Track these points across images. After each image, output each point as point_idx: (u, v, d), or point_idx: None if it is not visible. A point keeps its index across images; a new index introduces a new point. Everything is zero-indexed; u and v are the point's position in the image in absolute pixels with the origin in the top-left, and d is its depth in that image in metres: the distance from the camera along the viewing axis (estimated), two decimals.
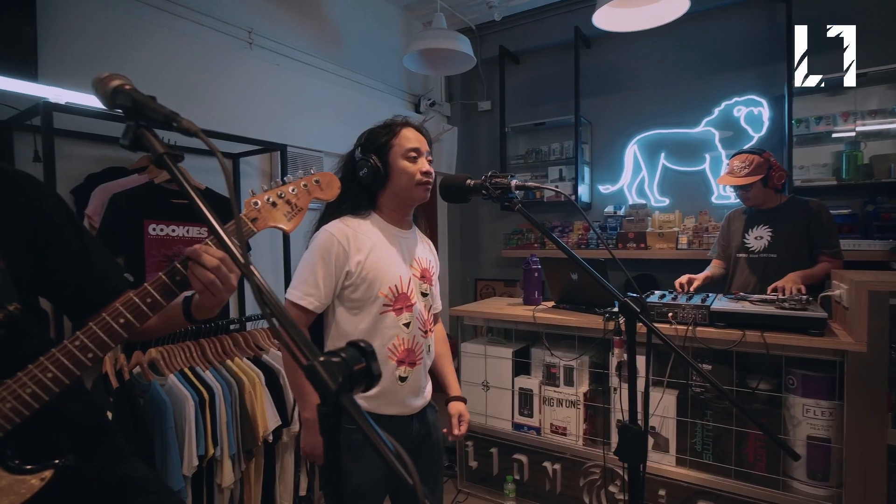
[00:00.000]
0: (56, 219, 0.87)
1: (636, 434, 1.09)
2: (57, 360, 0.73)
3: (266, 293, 0.57)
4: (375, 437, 0.49)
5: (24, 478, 0.71)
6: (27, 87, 1.69)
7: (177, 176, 0.64)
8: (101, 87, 0.70)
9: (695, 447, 1.97)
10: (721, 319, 1.88)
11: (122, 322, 0.77)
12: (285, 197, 0.92)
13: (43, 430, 0.78)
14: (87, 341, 0.75)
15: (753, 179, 2.22)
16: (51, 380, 0.72)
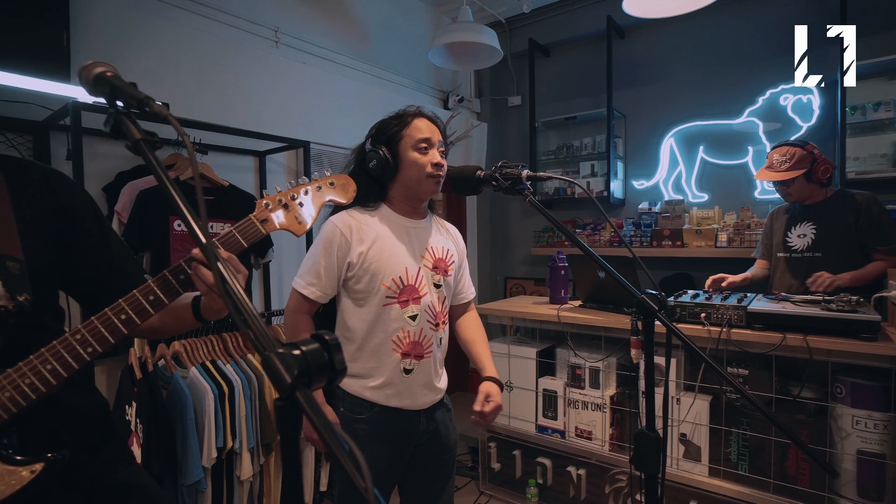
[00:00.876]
0: (81, 216, 0.89)
1: (651, 441, 1.01)
2: (57, 353, 0.73)
3: (229, 283, 0.54)
4: (328, 433, 0.45)
5: (15, 469, 0.71)
6: (60, 87, 1.76)
7: (151, 163, 0.63)
8: (85, 75, 0.69)
9: (729, 457, 1.84)
10: (759, 321, 1.75)
11: (123, 318, 0.76)
12: (298, 199, 0.90)
13: (48, 423, 0.79)
14: (87, 335, 0.75)
15: (794, 174, 2.06)
16: (49, 371, 0.72)
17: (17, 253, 0.76)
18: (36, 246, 0.80)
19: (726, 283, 2.17)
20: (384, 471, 1.31)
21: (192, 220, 0.59)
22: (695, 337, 1.84)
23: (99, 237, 0.89)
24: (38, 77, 1.70)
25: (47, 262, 0.82)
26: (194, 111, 2.21)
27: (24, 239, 0.78)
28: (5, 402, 0.71)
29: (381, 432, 1.30)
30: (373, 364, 1.29)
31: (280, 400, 0.48)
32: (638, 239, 3.31)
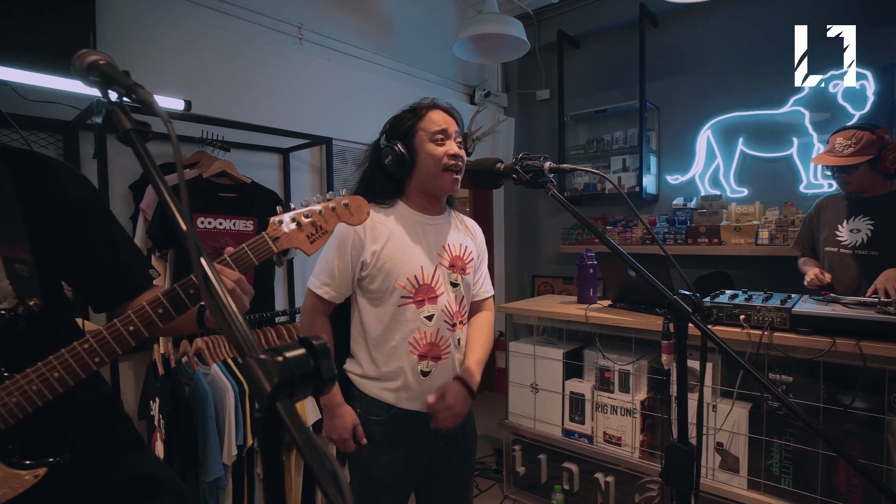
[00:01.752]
0: (89, 212, 0.88)
1: (684, 455, 0.93)
2: (64, 361, 0.72)
3: (213, 284, 0.50)
4: (310, 451, 0.40)
5: (19, 472, 0.71)
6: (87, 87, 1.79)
7: (140, 154, 0.59)
8: (78, 64, 0.67)
9: (771, 469, 1.72)
10: (805, 324, 1.62)
11: (131, 329, 0.76)
12: (311, 218, 0.90)
13: (52, 422, 0.78)
14: (95, 345, 0.74)
15: (860, 160, 1.88)
16: (56, 379, 0.71)
17: (25, 254, 0.75)
18: (45, 245, 0.79)
19: (829, 278, 1.96)
20: (400, 474, 1.28)
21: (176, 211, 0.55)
22: (733, 340, 1.73)
23: (106, 234, 0.89)
24: (65, 77, 1.73)
25: (56, 260, 0.81)
26: (218, 108, 2.21)
27: (33, 239, 0.77)
28: (12, 407, 0.70)
29: (397, 435, 1.26)
30: (390, 367, 1.25)
31: (259, 411, 0.43)
32: (672, 236, 3.16)
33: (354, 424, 1.24)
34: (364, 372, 1.28)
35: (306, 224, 0.89)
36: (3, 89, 1.71)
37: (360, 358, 1.29)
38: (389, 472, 1.26)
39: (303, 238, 0.88)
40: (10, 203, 0.77)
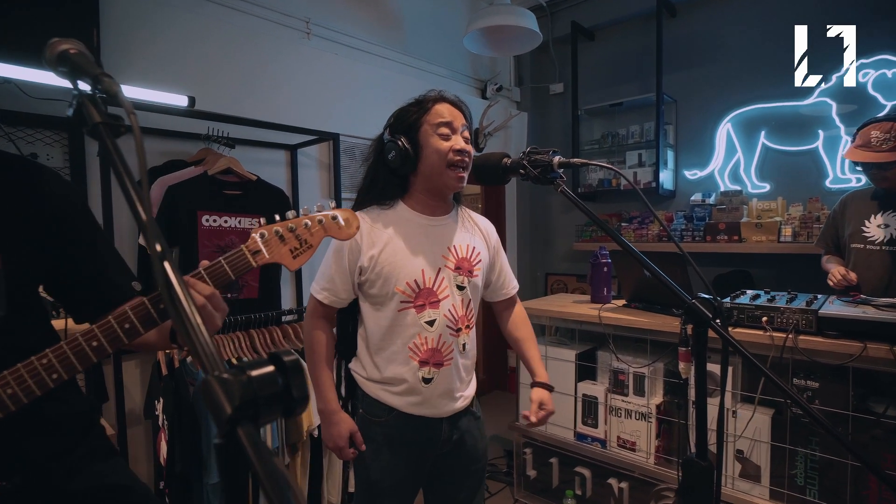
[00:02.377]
0: (70, 220, 0.85)
1: (703, 471, 0.87)
2: (19, 377, 0.68)
3: (177, 293, 0.45)
4: (272, 486, 0.35)
5: None
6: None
7: (108, 149, 0.55)
8: (48, 54, 0.62)
9: (795, 479, 1.64)
10: (833, 327, 1.53)
11: (94, 345, 0.71)
12: (296, 231, 0.83)
13: (13, 438, 0.75)
14: (54, 360, 0.70)
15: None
16: (10, 396, 0.67)
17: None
18: (20, 252, 0.76)
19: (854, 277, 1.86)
20: (402, 478, 1.24)
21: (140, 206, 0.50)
22: (755, 343, 1.65)
23: (88, 244, 0.85)
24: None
25: (29, 268, 0.78)
26: (224, 104, 2.19)
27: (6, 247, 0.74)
28: None
29: (399, 437, 1.22)
30: (391, 372, 1.20)
31: (217, 437, 0.38)
32: (689, 233, 3.06)
33: (352, 432, 1.21)
34: (368, 374, 1.24)
35: (290, 238, 0.83)
36: (8, 87, 1.69)
37: (365, 360, 1.25)
38: (390, 476, 1.22)
39: (285, 252, 0.82)
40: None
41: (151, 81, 1.96)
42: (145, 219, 0.49)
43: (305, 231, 0.84)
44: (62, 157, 1.86)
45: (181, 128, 2.08)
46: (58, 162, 1.85)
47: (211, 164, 2.03)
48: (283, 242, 0.82)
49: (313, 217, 0.85)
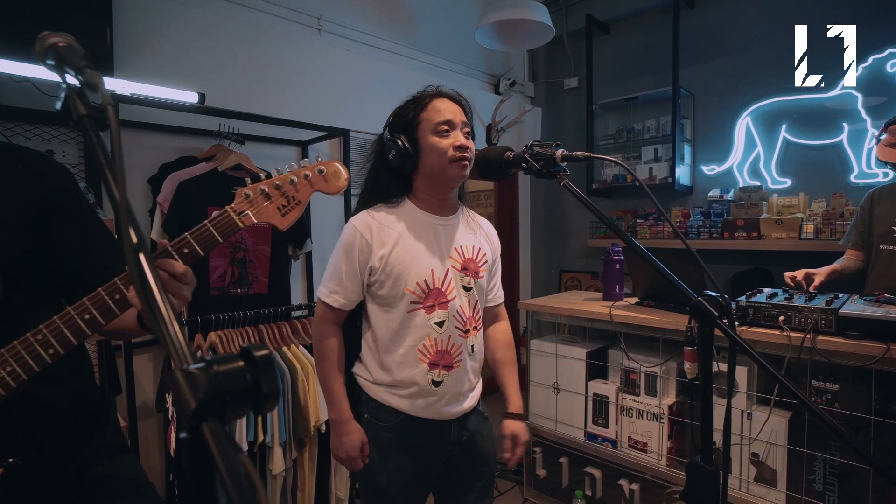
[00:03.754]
0: (61, 202, 0.85)
1: (707, 476, 0.83)
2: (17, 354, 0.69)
3: (150, 283, 0.44)
4: (236, 489, 0.34)
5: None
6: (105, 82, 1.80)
7: (92, 142, 0.55)
8: (38, 47, 0.62)
9: (813, 485, 1.58)
10: (854, 327, 1.47)
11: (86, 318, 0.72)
12: (282, 188, 0.81)
13: (21, 422, 0.75)
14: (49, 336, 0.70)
15: None
16: (9, 373, 0.68)
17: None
18: (9, 236, 0.76)
19: (816, 284, 1.79)
20: (410, 483, 1.21)
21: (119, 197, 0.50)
22: (772, 344, 1.60)
23: (78, 226, 0.85)
24: None
25: (22, 250, 0.78)
26: (234, 100, 2.21)
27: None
28: None
29: (407, 442, 1.20)
30: (400, 374, 1.17)
31: (182, 430, 0.38)
32: (707, 230, 2.99)
33: (363, 442, 1.19)
34: (374, 378, 1.21)
35: (276, 195, 0.80)
36: (26, 86, 1.73)
37: (370, 363, 1.22)
38: (398, 481, 1.19)
39: (273, 210, 0.80)
40: None
41: (163, 79, 1.98)
42: (121, 205, 0.48)
43: (291, 187, 0.82)
44: (77, 154, 1.90)
45: (193, 124, 2.10)
46: (73, 158, 1.89)
47: (221, 161, 2.05)
48: (269, 201, 0.80)
49: (298, 172, 0.83)
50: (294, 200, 0.83)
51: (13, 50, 1.58)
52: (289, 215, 0.81)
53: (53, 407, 0.80)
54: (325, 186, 0.86)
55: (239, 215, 0.78)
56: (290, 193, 0.82)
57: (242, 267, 2.09)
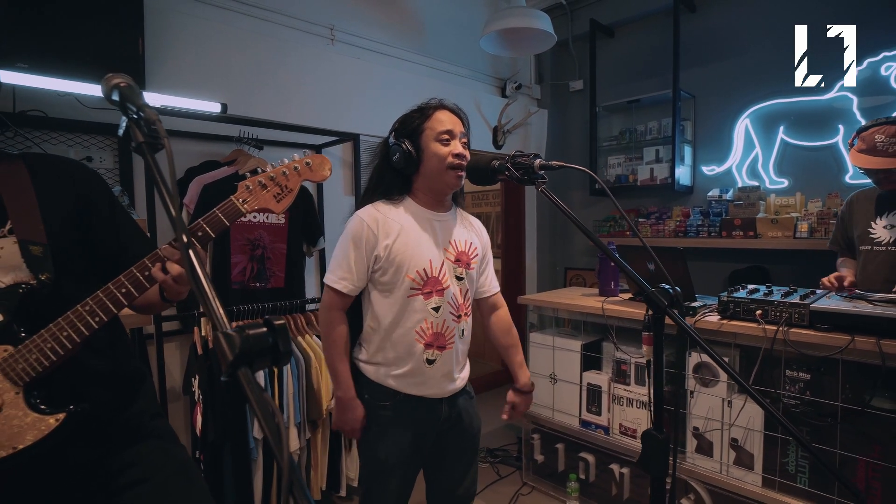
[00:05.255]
0: (95, 202, 1.02)
1: (659, 443, 0.97)
2: (70, 321, 0.86)
3: (197, 272, 0.60)
4: (262, 408, 0.49)
5: (44, 417, 0.85)
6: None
7: (148, 163, 0.70)
8: (105, 86, 0.79)
9: (786, 468, 1.69)
10: (824, 321, 1.58)
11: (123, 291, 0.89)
12: (276, 179, 0.97)
13: (71, 382, 0.92)
14: (94, 306, 0.87)
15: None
16: (66, 338, 0.85)
17: (40, 237, 0.89)
18: (58, 229, 0.92)
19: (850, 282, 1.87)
20: (407, 455, 1.35)
21: (173, 207, 0.65)
22: (750, 336, 1.71)
23: (110, 221, 1.01)
24: None
25: (68, 241, 0.94)
26: (254, 109, 2.38)
27: (47, 224, 0.91)
28: (33, 362, 0.84)
29: (403, 419, 1.34)
30: (397, 353, 1.32)
31: (224, 375, 0.53)
32: (706, 229, 3.08)
33: (364, 418, 1.35)
34: (371, 359, 1.36)
35: (272, 185, 0.98)
36: (68, 99, 1.92)
37: (370, 346, 1.36)
38: (396, 454, 1.34)
39: (269, 198, 0.97)
40: (29, 197, 0.92)
41: (188, 90, 2.16)
42: (175, 215, 0.63)
43: (284, 178, 0.99)
44: (113, 160, 2.08)
45: (215, 131, 2.28)
46: (109, 164, 2.07)
47: (242, 165, 2.22)
48: (265, 190, 0.97)
49: (289, 165, 1.00)
50: (286, 189, 1.00)
51: (57, 67, 1.77)
52: (283, 201, 0.99)
53: (95, 372, 0.96)
54: (311, 175, 1.03)
55: (242, 203, 0.95)
56: (283, 183, 0.99)
57: (261, 263, 2.27)
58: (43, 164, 0.98)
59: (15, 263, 0.88)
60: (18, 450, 0.82)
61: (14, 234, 0.88)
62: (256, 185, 0.96)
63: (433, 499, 1.49)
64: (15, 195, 0.90)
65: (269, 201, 0.97)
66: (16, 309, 0.86)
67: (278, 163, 1.00)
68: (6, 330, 0.85)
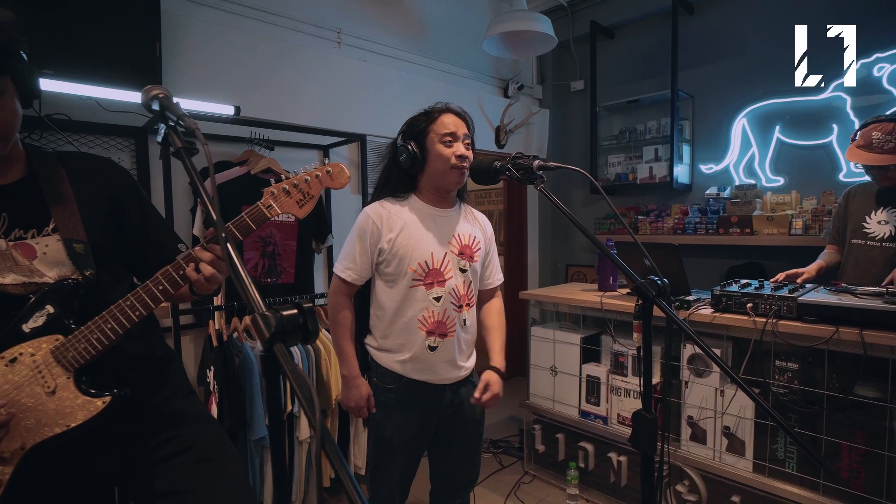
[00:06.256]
0: (127, 199, 1.10)
1: (648, 422, 1.05)
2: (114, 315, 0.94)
3: (235, 263, 0.68)
4: (295, 377, 0.57)
5: (92, 399, 0.94)
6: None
7: (187, 167, 0.79)
8: (144, 96, 0.87)
9: (776, 454, 1.77)
10: (810, 313, 1.65)
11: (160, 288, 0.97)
12: (299, 186, 1.06)
13: (115, 367, 1.01)
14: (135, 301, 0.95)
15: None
16: (110, 329, 0.94)
17: (81, 235, 0.98)
18: (95, 227, 1.01)
19: (801, 280, 1.98)
20: (411, 436, 1.44)
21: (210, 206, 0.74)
22: (741, 328, 1.79)
23: (140, 216, 1.10)
24: (134, 89, 1.99)
25: (104, 238, 1.03)
26: (265, 111, 2.46)
27: (85, 222, 1.00)
28: (81, 351, 0.93)
29: (407, 402, 1.44)
30: (402, 340, 1.42)
31: (262, 351, 0.61)
32: (703, 226, 3.15)
33: (369, 395, 1.43)
34: (379, 345, 1.46)
35: (295, 192, 1.05)
36: (90, 103, 2.01)
37: (377, 332, 1.47)
38: (400, 434, 1.43)
39: (292, 203, 1.05)
40: (67, 196, 1.00)
41: (202, 92, 2.25)
42: (216, 217, 0.72)
43: (306, 185, 1.07)
44: (130, 160, 2.17)
45: (228, 132, 2.37)
46: (126, 164, 2.16)
47: (253, 165, 2.31)
48: (289, 196, 1.05)
49: (311, 173, 1.08)
50: (308, 195, 1.08)
51: (80, 73, 1.86)
52: (305, 206, 1.07)
53: (133, 356, 1.05)
54: (332, 183, 1.11)
55: (267, 208, 1.03)
56: (305, 190, 1.07)
57: (272, 259, 2.35)
58: (79, 163, 1.06)
59: (60, 260, 0.96)
60: (70, 427, 0.92)
61: (58, 233, 0.97)
62: (281, 191, 1.04)
63: (436, 481, 1.58)
64: (56, 195, 0.98)
65: (292, 207, 1.05)
66: (65, 302, 0.94)
67: (300, 170, 1.08)
68: (57, 321, 0.93)
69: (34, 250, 0.95)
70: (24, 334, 0.92)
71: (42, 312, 0.93)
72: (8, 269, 0.92)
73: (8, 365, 0.90)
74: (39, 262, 0.95)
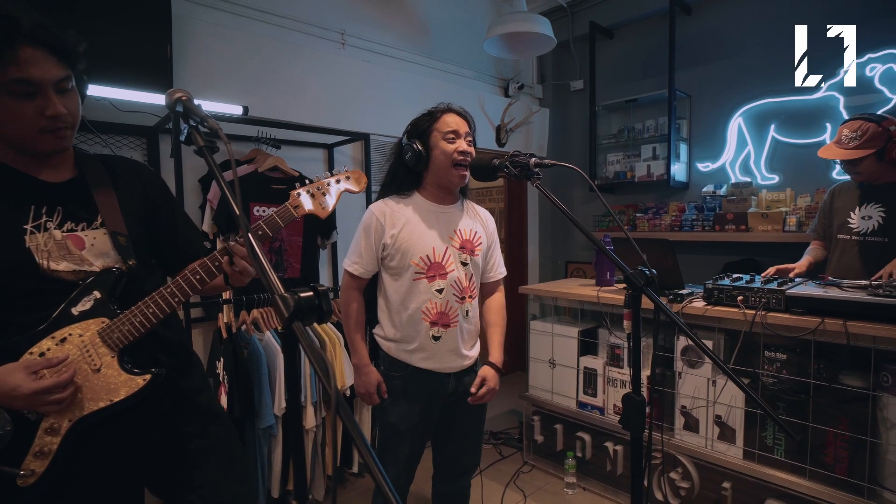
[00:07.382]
0: (158, 200, 1.19)
1: (637, 404, 1.12)
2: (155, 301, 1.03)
3: (256, 252, 0.75)
4: (313, 353, 0.64)
5: (133, 377, 1.03)
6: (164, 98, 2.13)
7: (209, 163, 0.86)
8: (168, 98, 0.95)
9: (765, 441, 1.84)
10: (798, 305, 1.72)
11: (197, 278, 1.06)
12: (322, 189, 1.16)
13: (151, 350, 1.09)
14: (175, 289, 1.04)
15: (862, 154, 1.92)
16: (152, 313, 1.03)
17: (123, 229, 1.06)
18: (134, 223, 1.10)
19: (792, 275, 2.06)
20: (416, 422, 1.52)
21: (232, 200, 0.81)
22: (732, 320, 1.85)
23: (170, 215, 1.19)
24: (146, 90, 2.07)
25: (141, 234, 1.12)
26: (271, 110, 2.53)
27: (126, 218, 1.09)
28: (125, 332, 1.02)
29: (413, 389, 1.51)
30: (407, 330, 1.49)
31: (282, 328, 0.68)
32: (700, 223, 3.21)
33: (378, 382, 1.51)
34: (386, 335, 1.53)
35: (318, 195, 1.16)
36: (103, 103, 2.08)
37: (384, 323, 1.54)
38: (406, 421, 1.51)
39: (316, 205, 1.15)
40: (110, 195, 1.09)
41: (211, 91, 2.32)
42: (238, 213, 0.79)
43: (328, 189, 1.17)
44: (142, 158, 2.24)
45: (236, 132, 2.44)
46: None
47: (260, 163, 2.38)
48: (313, 198, 1.15)
49: (333, 177, 1.19)
50: (331, 197, 1.16)
51: (96, 75, 1.91)
52: (327, 208, 1.14)
53: (167, 341, 1.14)
54: (352, 187, 1.21)
55: (295, 208, 1.12)
56: (328, 192, 1.16)
57: (279, 255, 2.43)
58: (117, 165, 1.15)
59: (105, 251, 1.05)
60: (114, 402, 1.00)
61: (105, 227, 1.05)
62: (306, 194, 1.14)
63: (439, 464, 1.65)
64: (102, 193, 1.07)
65: (316, 207, 1.15)
66: (111, 288, 1.03)
67: (324, 175, 1.18)
68: (104, 305, 1.02)
69: (83, 242, 1.03)
70: (73, 317, 1.00)
71: (90, 297, 1.01)
72: (62, 256, 1.00)
73: (59, 344, 0.98)
74: (87, 252, 1.03)
